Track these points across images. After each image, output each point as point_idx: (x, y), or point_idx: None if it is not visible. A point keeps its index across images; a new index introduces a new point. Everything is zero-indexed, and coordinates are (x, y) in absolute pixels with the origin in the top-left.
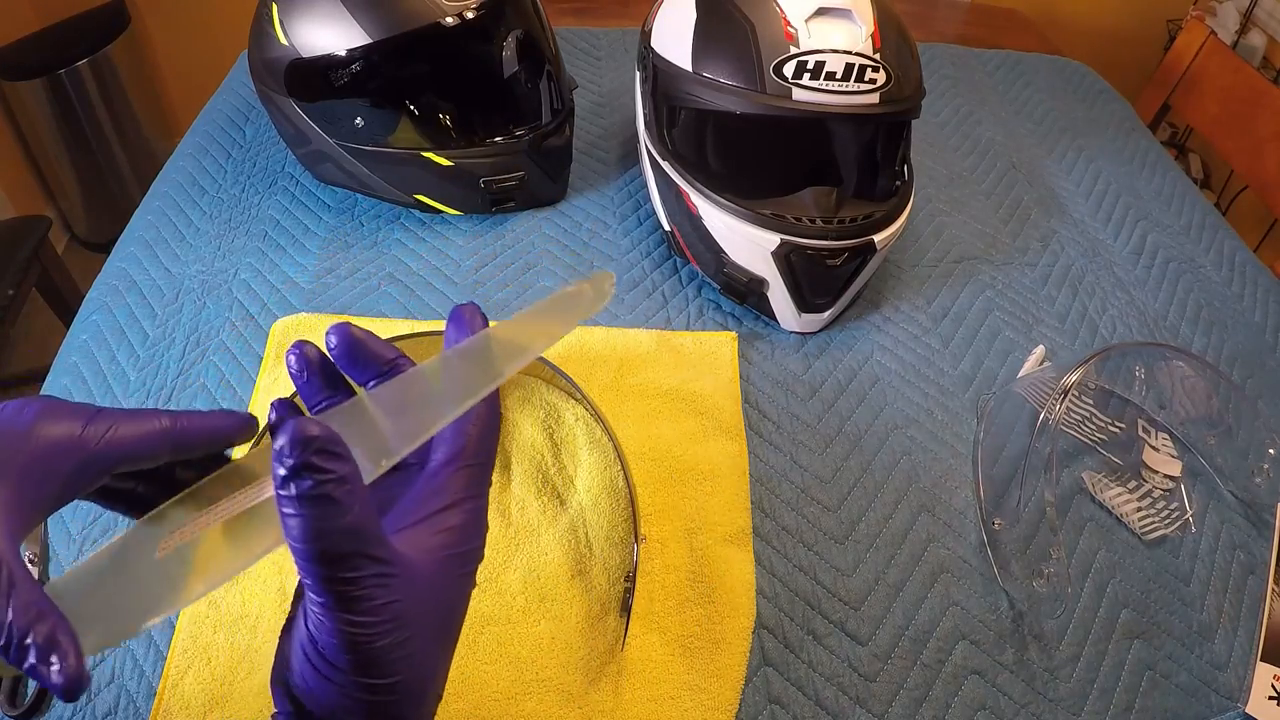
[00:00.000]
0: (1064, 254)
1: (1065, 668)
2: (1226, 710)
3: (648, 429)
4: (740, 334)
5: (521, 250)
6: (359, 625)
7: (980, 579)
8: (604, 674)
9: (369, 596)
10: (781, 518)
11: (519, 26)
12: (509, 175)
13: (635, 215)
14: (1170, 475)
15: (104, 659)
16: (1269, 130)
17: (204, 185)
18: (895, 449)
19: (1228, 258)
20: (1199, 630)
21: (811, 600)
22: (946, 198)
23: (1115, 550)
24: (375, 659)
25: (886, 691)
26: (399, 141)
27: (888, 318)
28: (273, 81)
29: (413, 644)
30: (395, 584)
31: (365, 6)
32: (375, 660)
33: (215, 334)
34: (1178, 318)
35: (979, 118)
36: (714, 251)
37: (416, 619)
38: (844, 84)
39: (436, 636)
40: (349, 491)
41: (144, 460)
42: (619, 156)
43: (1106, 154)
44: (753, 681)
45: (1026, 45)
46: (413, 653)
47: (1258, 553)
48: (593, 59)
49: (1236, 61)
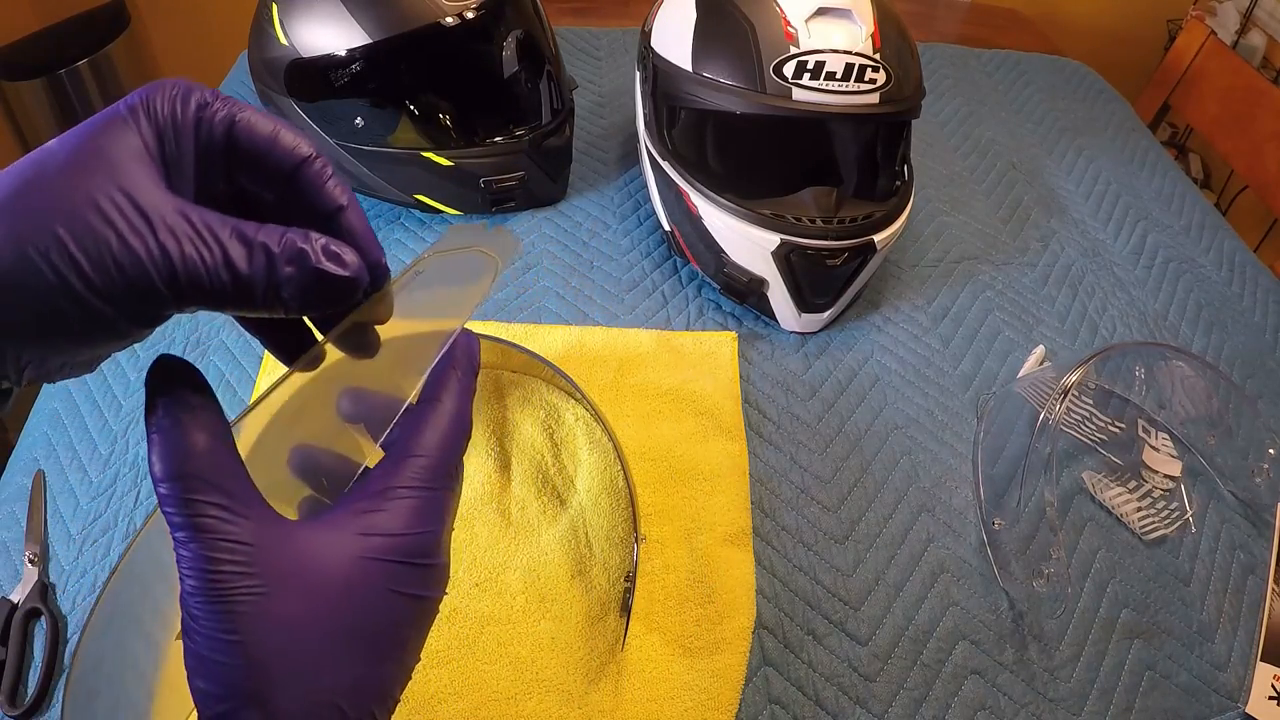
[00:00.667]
0: (1064, 254)
1: (1065, 668)
2: (1226, 710)
3: (648, 429)
4: (740, 334)
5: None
6: (208, 558)
7: (980, 579)
8: (604, 674)
9: (214, 528)
10: (781, 518)
11: (519, 26)
12: (509, 175)
13: (635, 215)
14: (1170, 475)
15: None
16: (1269, 130)
17: None
18: (895, 449)
19: (1228, 258)
20: (1199, 630)
21: (811, 600)
22: (946, 198)
23: (1115, 550)
24: (227, 604)
25: (886, 691)
26: (399, 141)
27: (888, 318)
28: (273, 81)
29: (279, 614)
30: (245, 526)
31: (365, 6)
32: (228, 608)
33: (215, 334)
34: (1178, 318)
35: (979, 118)
36: (714, 251)
37: (294, 596)
38: (844, 84)
39: (345, 641)
40: (199, 420)
41: (265, 161)
42: (619, 156)
43: (1106, 154)
44: (753, 681)
45: (1026, 45)
46: (282, 627)
47: (1258, 553)
48: (593, 59)
49: (1236, 61)
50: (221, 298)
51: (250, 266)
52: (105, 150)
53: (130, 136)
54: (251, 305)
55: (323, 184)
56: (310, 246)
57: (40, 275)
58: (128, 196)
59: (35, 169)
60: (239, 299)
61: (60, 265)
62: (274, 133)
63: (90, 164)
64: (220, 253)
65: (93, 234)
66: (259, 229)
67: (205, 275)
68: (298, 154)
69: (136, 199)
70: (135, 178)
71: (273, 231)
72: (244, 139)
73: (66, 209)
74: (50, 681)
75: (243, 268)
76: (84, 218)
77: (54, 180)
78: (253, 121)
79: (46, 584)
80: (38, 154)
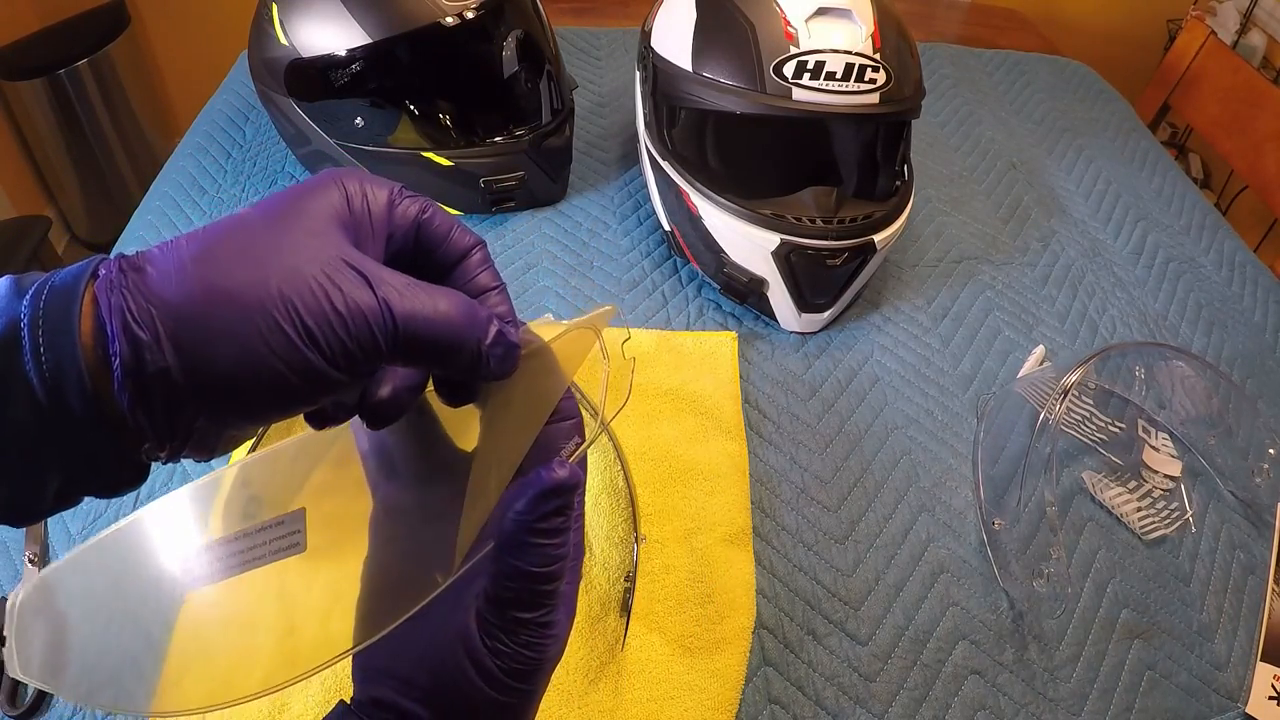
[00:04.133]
0: (1064, 254)
1: (1065, 668)
2: (1226, 710)
3: (648, 429)
4: (740, 334)
5: (521, 250)
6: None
7: (980, 579)
8: (604, 674)
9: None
10: (781, 518)
11: (519, 26)
12: (509, 175)
13: (635, 215)
14: (1170, 475)
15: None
16: (1269, 130)
17: (204, 185)
18: (895, 449)
19: (1228, 258)
20: (1199, 630)
21: (811, 600)
22: (946, 198)
23: (1115, 550)
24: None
25: (886, 691)
26: (399, 141)
27: (888, 318)
28: (273, 81)
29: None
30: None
31: (365, 6)
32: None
33: None
34: (1178, 318)
35: (979, 118)
36: (714, 251)
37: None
38: (844, 84)
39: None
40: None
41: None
42: (619, 156)
43: (1106, 154)
44: (753, 681)
45: (1026, 45)
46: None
47: (1258, 553)
48: (593, 59)
49: (1236, 61)
50: (434, 352)
51: (464, 320)
52: (308, 212)
53: (332, 199)
54: (458, 363)
55: (480, 271)
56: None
57: (268, 358)
58: (347, 257)
59: (236, 234)
60: (449, 355)
61: (292, 337)
62: (451, 225)
63: (297, 229)
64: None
65: (316, 295)
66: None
67: (423, 326)
68: (468, 245)
69: (354, 259)
70: (349, 243)
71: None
72: (429, 228)
73: (286, 275)
74: None
75: (458, 321)
76: (305, 281)
77: (262, 246)
78: (437, 214)
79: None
80: (231, 222)
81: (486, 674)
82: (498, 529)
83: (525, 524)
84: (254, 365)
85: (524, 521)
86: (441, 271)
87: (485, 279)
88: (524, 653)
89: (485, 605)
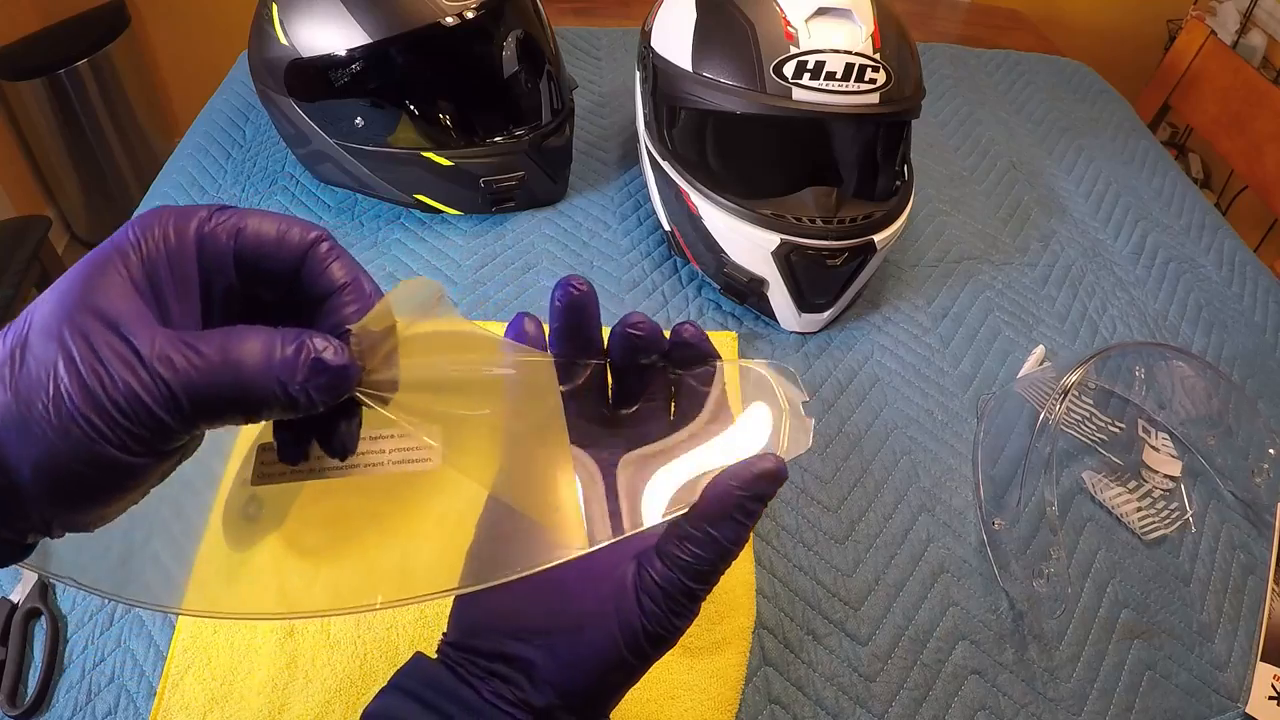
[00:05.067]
0: (1064, 254)
1: (1065, 668)
2: (1226, 710)
3: None
4: (740, 334)
5: (522, 250)
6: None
7: (980, 579)
8: None
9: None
10: (781, 518)
11: (519, 26)
12: (509, 175)
13: (635, 215)
14: (1170, 475)
15: (103, 659)
16: (1269, 130)
17: (204, 185)
18: (895, 449)
19: (1228, 258)
20: (1199, 630)
21: (811, 600)
22: (946, 198)
23: (1115, 550)
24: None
25: (886, 691)
26: (399, 141)
27: (888, 318)
28: (273, 81)
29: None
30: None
31: (365, 6)
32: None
33: None
34: (1178, 318)
35: (979, 118)
36: (714, 251)
37: None
38: (844, 84)
39: None
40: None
41: (273, 260)
42: (619, 156)
43: (1106, 154)
44: (753, 681)
45: (1026, 45)
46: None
47: (1258, 553)
48: (593, 59)
49: (1236, 61)
50: (239, 408)
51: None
52: (92, 292)
53: (114, 276)
54: (269, 413)
55: (327, 266)
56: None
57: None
58: (117, 335)
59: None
60: (256, 408)
61: (80, 434)
62: (280, 228)
63: (76, 309)
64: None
65: (89, 388)
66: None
67: (209, 390)
68: (304, 242)
69: (126, 335)
70: (124, 316)
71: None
72: (251, 241)
73: (55, 372)
74: (50, 681)
75: (249, 373)
76: (76, 375)
77: (45, 328)
78: (253, 221)
79: (46, 584)
80: (26, 314)
81: (629, 633)
82: (706, 498)
83: (736, 498)
84: (61, 466)
85: (735, 495)
86: (284, 279)
87: (334, 274)
88: (673, 619)
89: (658, 568)
